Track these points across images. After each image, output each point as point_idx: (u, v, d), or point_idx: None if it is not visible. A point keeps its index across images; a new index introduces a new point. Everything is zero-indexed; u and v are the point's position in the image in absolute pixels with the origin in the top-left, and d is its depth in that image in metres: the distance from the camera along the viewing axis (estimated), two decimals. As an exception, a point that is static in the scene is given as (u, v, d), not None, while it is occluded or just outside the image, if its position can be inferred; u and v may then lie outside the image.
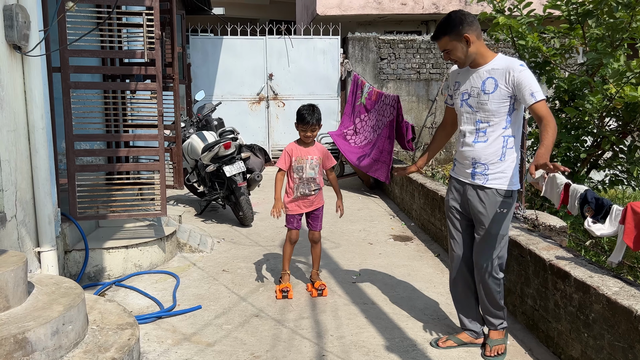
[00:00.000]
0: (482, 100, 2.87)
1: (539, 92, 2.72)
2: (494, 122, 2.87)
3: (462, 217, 3.12)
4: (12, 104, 3.38)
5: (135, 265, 4.44)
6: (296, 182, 3.98)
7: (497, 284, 3.02)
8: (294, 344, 3.25)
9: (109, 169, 5.10)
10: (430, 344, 3.23)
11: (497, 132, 2.88)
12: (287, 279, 4.08)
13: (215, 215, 6.63)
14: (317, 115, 3.92)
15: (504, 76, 2.79)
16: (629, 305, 2.46)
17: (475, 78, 2.91)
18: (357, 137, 8.71)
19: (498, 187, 2.90)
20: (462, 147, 3.03)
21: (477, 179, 2.95)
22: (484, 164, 2.92)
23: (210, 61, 10.45)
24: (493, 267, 2.98)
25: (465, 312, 3.25)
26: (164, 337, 3.34)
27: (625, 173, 6.14)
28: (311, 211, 4.06)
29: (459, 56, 2.88)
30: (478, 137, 2.93)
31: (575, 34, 5.95)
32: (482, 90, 2.87)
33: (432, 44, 10.80)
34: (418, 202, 6.18)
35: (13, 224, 3.37)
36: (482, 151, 2.92)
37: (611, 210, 3.00)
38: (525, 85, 2.73)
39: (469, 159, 2.98)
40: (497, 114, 2.85)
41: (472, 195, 2.99)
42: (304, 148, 3.99)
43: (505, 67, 2.81)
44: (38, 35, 3.56)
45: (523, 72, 2.76)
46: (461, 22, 2.81)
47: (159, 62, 4.38)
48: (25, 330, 2.51)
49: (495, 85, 2.82)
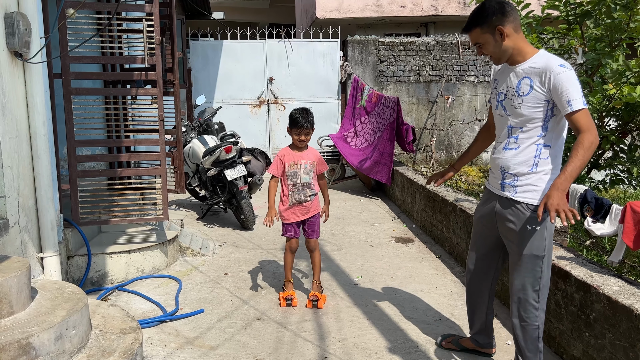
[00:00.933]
0: (516, 102, 2.57)
1: (577, 100, 2.38)
2: (528, 128, 2.56)
3: (490, 230, 2.83)
4: (14, 110, 3.40)
5: (137, 270, 4.46)
6: (290, 188, 3.86)
7: (533, 317, 2.63)
8: (297, 347, 3.27)
9: (111, 174, 5.12)
10: (435, 343, 3.23)
11: (530, 140, 2.57)
12: (290, 287, 4.00)
13: (217, 219, 6.65)
14: (311, 119, 3.81)
15: (540, 77, 2.48)
16: (630, 305, 2.47)
17: (512, 77, 2.61)
18: (358, 139, 8.73)
19: (528, 202, 2.57)
20: (494, 154, 2.76)
21: (507, 190, 2.66)
22: (513, 174, 2.62)
23: (211, 65, 10.48)
24: (528, 294, 2.61)
25: (472, 322, 3.11)
26: (167, 341, 3.36)
27: (625, 172, 6.15)
28: (307, 219, 3.93)
29: (492, 51, 2.58)
30: (509, 143, 2.64)
31: (574, 34, 5.97)
32: (516, 91, 2.57)
33: (432, 46, 10.83)
34: (419, 204, 6.19)
35: (16, 230, 3.39)
36: (512, 159, 2.62)
37: (611, 209, 3.01)
38: (563, 91, 2.40)
39: (498, 168, 2.70)
40: (531, 119, 2.54)
41: (500, 210, 2.70)
42: (297, 153, 3.88)
43: (544, 66, 2.48)
44: (39, 42, 3.59)
45: (562, 74, 2.41)
46: (495, 12, 2.50)
47: (160, 68, 4.41)
48: (29, 335, 2.52)
49: (530, 87, 2.52)
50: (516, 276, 2.65)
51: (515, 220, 2.62)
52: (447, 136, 11.05)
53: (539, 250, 2.58)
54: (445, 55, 10.86)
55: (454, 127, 11.02)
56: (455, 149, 11.09)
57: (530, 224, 2.57)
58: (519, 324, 2.67)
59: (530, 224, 2.57)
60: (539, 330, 2.64)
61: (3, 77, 3.25)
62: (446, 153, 11.05)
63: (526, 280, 2.61)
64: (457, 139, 11.07)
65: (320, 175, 3.98)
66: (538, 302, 2.61)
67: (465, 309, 3.79)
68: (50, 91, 4.06)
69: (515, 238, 2.63)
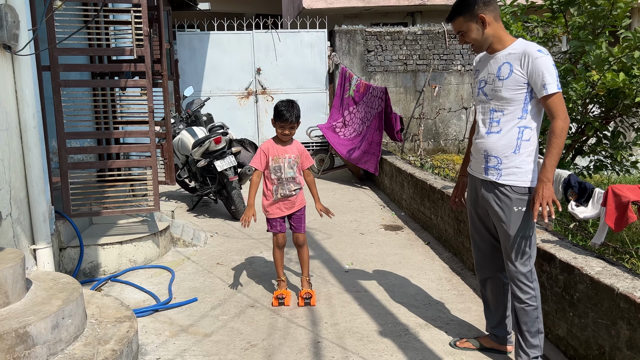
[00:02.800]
0: (497, 87, 2.65)
1: (551, 84, 2.50)
2: (509, 110, 2.64)
3: (480, 217, 2.90)
4: (4, 103, 3.40)
5: (130, 261, 4.49)
6: (275, 183, 3.72)
7: (531, 297, 2.70)
8: (290, 332, 3.33)
9: (102, 166, 5.13)
10: (449, 344, 3.11)
11: (512, 122, 2.64)
12: (283, 285, 3.87)
13: (207, 210, 6.68)
14: (296, 112, 3.63)
15: (520, 60, 2.57)
16: (611, 284, 2.56)
17: (492, 64, 2.70)
18: (347, 129, 8.78)
19: (512, 184, 2.65)
20: (476, 139, 2.81)
21: (490, 174, 2.71)
22: (497, 157, 2.68)
23: (198, 57, 10.44)
24: (523, 275, 2.69)
25: (489, 315, 3.04)
26: (161, 329, 3.41)
27: (609, 158, 6.27)
28: (293, 212, 3.82)
29: (474, 38, 2.66)
30: (491, 127, 2.70)
31: (558, 22, 6.05)
32: (497, 76, 2.66)
33: (418, 36, 10.88)
34: (408, 192, 6.27)
35: (8, 222, 3.41)
36: (495, 143, 2.68)
37: (593, 193, 3.10)
38: (539, 74, 2.51)
39: (481, 152, 2.75)
40: (512, 102, 2.62)
41: (486, 194, 2.75)
42: (281, 147, 3.71)
43: (522, 51, 2.58)
44: (27, 34, 3.59)
45: (539, 59, 2.52)
46: (476, 1, 2.61)
47: (148, 59, 4.41)
48: (26, 324, 2.56)
49: (510, 71, 2.60)
50: (509, 258, 2.72)
51: (500, 203, 2.69)
52: (434, 125, 11.13)
53: (526, 230, 2.66)
54: (432, 44, 10.91)
55: (441, 116, 11.11)
56: (443, 138, 11.19)
57: (516, 206, 2.65)
58: (520, 307, 2.72)
59: (516, 205, 2.65)
60: (537, 310, 2.70)
61: (-8, 70, 3.25)
62: (434, 142, 11.15)
63: (519, 261, 2.69)
64: (444, 127, 11.16)
65: (306, 172, 3.84)
66: (532, 282, 2.70)
67: (454, 294, 3.90)
68: (39, 84, 4.06)
69: (502, 220, 2.69)
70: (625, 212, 2.79)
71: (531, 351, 2.74)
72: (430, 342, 3.17)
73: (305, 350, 3.09)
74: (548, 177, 2.53)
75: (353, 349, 3.11)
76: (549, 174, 2.52)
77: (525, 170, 2.64)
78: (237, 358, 3.03)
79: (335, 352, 3.07)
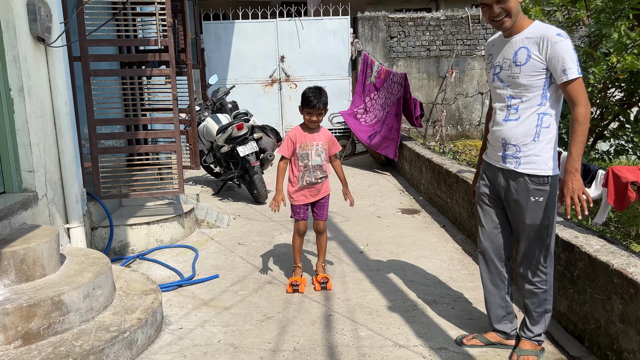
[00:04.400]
0: (514, 73, 2.56)
1: (572, 70, 2.41)
2: (527, 97, 2.55)
3: (494, 205, 2.81)
4: (39, 92, 3.66)
5: (156, 240, 4.75)
6: (301, 170, 3.72)
7: (542, 281, 2.69)
8: (304, 306, 3.53)
9: (129, 151, 5.39)
10: (455, 341, 3.02)
11: (530, 110, 2.56)
12: (298, 272, 3.88)
13: (231, 194, 6.93)
14: (324, 99, 3.64)
15: (538, 45, 2.48)
16: (607, 260, 2.66)
17: (508, 49, 2.59)
18: (368, 115, 8.90)
19: (531, 173, 2.58)
20: (493, 126, 2.72)
21: (509, 162, 2.64)
22: (515, 145, 2.60)
23: (223, 46, 10.67)
24: (537, 260, 2.67)
25: (494, 310, 2.94)
26: (184, 303, 3.64)
27: (630, 143, 6.24)
28: (317, 200, 3.84)
29: (512, 7, 2.49)
30: (509, 114, 2.61)
31: (579, 5, 6.03)
32: (513, 61, 2.56)
33: (442, 21, 10.85)
34: (425, 177, 6.38)
35: (44, 202, 3.68)
36: (513, 130, 2.60)
37: (597, 175, 3.18)
38: (559, 59, 2.42)
39: (499, 140, 2.66)
40: (531, 88, 2.53)
41: (503, 183, 2.70)
42: (308, 134, 3.72)
43: (540, 35, 2.48)
44: (59, 27, 3.83)
45: (559, 44, 2.42)
46: None
47: (172, 49, 4.63)
48: (60, 293, 2.81)
49: (528, 56, 2.51)
50: (524, 244, 2.69)
51: (520, 192, 2.62)
52: (457, 111, 11.13)
53: (545, 220, 2.61)
54: (455, 30, 10.88)
55: (464, 101, 11.10)
56: (467, 123, 11.18)
57: (534, 196, 2.59)
58: (529, 289, 2.72)
59: (535, 195, 2.59)
60: (546, 293, 2.71)
61: (28, 61, 3.51)
62: (456, 127, 11.15)
63: (535, 247, 2.66)
64: (467, 113, 11.15)
65: (333, 157, 3.86)
66: (546, 267, 2.67)
67: (464, 273, 4.03)
68: (71, 74, 4.31)
69: (520, 209, 2.64)
70: (625, 192, 2.88)
71: (534, 328, 2.77)
72: (436, 317, 3.32)
73: (317, 323, 3.29)
74: (576, 167, 2.43)
75: (362, 322, 3.28)
76: (577, 163, 2.43)
77: (545, 158, 2.56)
78: (253, 328, 3.24)
79: (345, 324, 3.26)
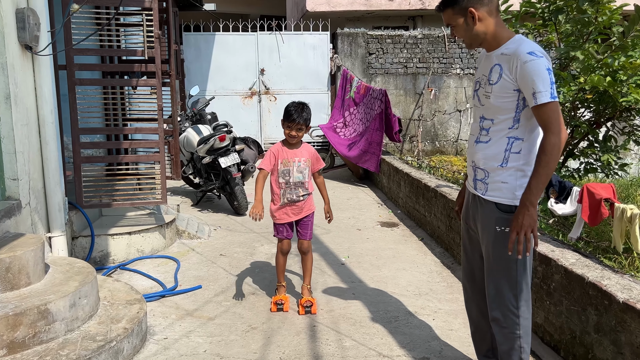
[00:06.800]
0: (487, 92, 2.35)
1: (542, 93, 2.15)
2: (498, 119, 2.33)
3: (471, 232, 2.61)
4: (25, 100, 3.65)
5: (137, 251, 4.73)
6: (282, 187, 3.61)
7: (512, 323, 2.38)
8: (288, 317, 3.57)
9: (113, 160, 5.37)
10: None
11: (501, 132, 2.33)
12: (282, 291, 3.78)
13: (211, 205, 6.93)
14: (305, 115, 3.53)
15: (509, 64, 2.25)
16: (582, 274, 2.79)
17: (486, 64, 2.39)
18: (347, 129, 9.03)
19: (497, 201, 2.35)
20: (467, 147, 2.55)
21: (478, 188, 2.44)
22: (484, 170, 2.40)
23: (203, 57, 10.70)
24: (504, 298, 2.38)
25: (478, 344, 2.77)
26: (168, 313, 3.65)
27: (599, 161, 6.49)
28: (300, 219, 3.72)
29: (463, 35, 2.37)
30: (480, 136, 2.42)
31: (550, 29, 6.29)
32: (488, 79, 2.35)
33: (419, 39, 11.12)
34: (404, 191, 6.51)
35: (27, 210, 3.65)
36: (481, 153, 2.40)
37: (572, 191, 3.34)
38: (529, 82, 2.18)
39: (470, 163, 2.50)
40: (502, 110, 2.31)
41: (473, 208, 2.51)
42: (289, 150, 3.62)
43: (513, 53, 2.25)
44: (47, 35, 3.83)
45: (529, 64, 2.17)
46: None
47: (159, 60, 4.66)
48: (47, 302, 2.80)
49: (499, 75, 2.29)
50: (490, 280, 2.44)
51: (485, 220, 2.42)
52: (433, 127, 11.37)
53: (514, 254, 2.30)
54: (431, 48, 11.16)
55: (439, 118, 11.35)
56: (442, 139, 11.42)
57: (500, 225, 2.36)
58: (497, 329, 2.46)
59: (500, 224, 2.36)
60: (520, 339, 2.40)
61: (15, 69, 3.50)
62: (432, 143, 11.38)
63: (501, 283, 2.39)
64: (443, 129, 11.40)
65: (316, 174, 3.76)
66: (517, 307, 2.38)
67: (443, 285, 4.14)
68: (55, 82, 4.30)
69: (486, 239, 2.43)
70: (598, 208, 3.03)
71: None
72: (417, 329, 3.40)
73: (302, 333, 3.33)
74: (532, 201, 2.19)
75: (346, 332, 3.34)
76: (534, 197, 2.18)
77: (512, 186, 2.32)
78: (238, 339, 3.27)
79: (329, 335, 3.31)
